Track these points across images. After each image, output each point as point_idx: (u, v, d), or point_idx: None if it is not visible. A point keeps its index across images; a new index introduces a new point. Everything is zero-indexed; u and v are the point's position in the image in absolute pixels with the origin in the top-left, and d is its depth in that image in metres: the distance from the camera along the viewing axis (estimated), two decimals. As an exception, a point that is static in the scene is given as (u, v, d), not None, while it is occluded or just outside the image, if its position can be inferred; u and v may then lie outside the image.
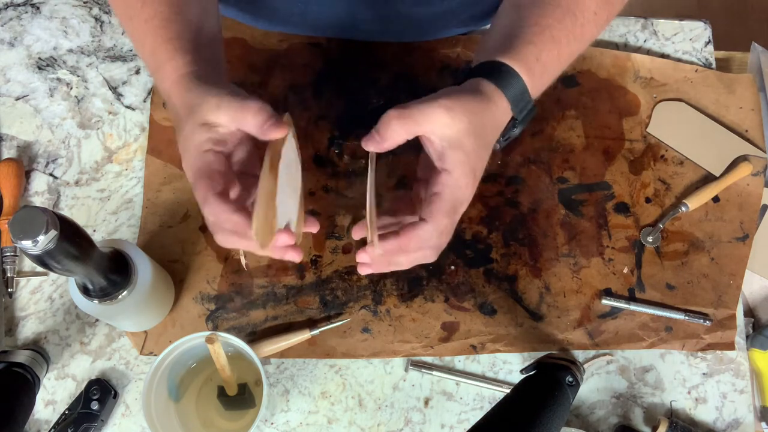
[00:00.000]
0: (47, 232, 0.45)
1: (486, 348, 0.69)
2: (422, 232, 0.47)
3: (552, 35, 0.50)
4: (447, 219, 0.48)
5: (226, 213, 0.44)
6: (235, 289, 0.69)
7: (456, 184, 0.47)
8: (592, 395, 0.68)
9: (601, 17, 0.53)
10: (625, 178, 0.74)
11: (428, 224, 0.47)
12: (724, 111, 0.77)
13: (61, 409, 0.65)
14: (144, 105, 0.75)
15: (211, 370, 0.65)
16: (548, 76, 0.51)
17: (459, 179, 0.47)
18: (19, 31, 0.77)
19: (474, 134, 0.46)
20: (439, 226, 0.47)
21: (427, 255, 0.49)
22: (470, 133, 0.46)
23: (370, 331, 0.69)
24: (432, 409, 0.67)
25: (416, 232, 0.47)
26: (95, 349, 0.68)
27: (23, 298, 0.69)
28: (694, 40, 0.80)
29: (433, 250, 0.49)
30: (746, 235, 0.73)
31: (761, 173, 0.74)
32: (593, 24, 0.52)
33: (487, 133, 0.48)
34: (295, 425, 0.66)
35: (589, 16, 0.52)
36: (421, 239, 0.47)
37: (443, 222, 0.47)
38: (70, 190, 0.72)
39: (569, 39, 0.51)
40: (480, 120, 0.47)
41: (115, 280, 0.57)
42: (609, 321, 0.70)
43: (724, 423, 0.68)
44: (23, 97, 0.75)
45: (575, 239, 0.72)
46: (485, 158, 0.49)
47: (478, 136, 0.47)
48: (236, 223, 0.44)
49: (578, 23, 0.51)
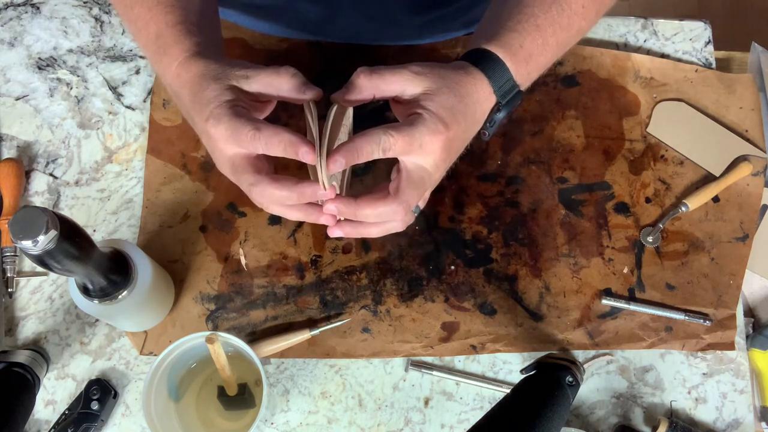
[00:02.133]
0: (47, 232, 0.45)
1: (486, 348, 0.69)
2: (383, 206, 0.47)
3: (537, 24, 0.50)
4: (413, 192, 0.47)
5: (282, 133, 0.44)
6: (235, 289, 0.69)
7: (424, 151, 0.46)
8: (592, 395, 0.68)
9: (589, 11, 0.53)
10: (625, 178, 0.74)
11: (391, 201, 0.47)
12: (724, 111, 0.77)
13: (61, 409, 0.65)
14: (144, 105, 0.75)
15: (211, 370, 0.65)
16: (535, 64, 0.51)
17: (427, 145, 0.46)
18: (19, 31, 0.77)
19: (449, 100, 0.46)
20: (403, 200, 0.47)
21: (396, 226, 0.50)
22: (444, 95, 0.46)
23: (370, 331, 0.69)
24: (432, 409, 0.67)
25: (376, 204, 0.47)
26: (95, 349, 0.68)
27: (23, 298, 0.69)
28: (694, 40, 0.80)
29: (399, 222, 0.49)
30: (746, 235, 0.73)
31: (761, 173, 0.74)
32: (581, 16, 0.53)
33: (467, 105, 0.48)
34: (295, 425, 0.66)
35: (576, 8, 0.52)
36: (380, 214, 0.48)
37: (408, 196, 0.47)
38: (70, 190, 0.72)
39: (555, 28, 0.51)
40: (458, 88, 0.47)
41: (115, 280, 0.57)
42: (609, 321, 0.70)
43: (724, 423, 0.68)
44: (23, 97, 0.75)
45: (575, 239, 0.72)
46: (466, 133, 0.49)
47: (454, 104, 0.46)
48: (293, 143, 0.44)
49: (565, 14, 0.51)
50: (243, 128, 0.44)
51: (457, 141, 0.48)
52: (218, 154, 0.47)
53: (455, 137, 0.47)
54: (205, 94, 0.46)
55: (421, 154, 0.46)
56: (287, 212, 0.49)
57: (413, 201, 0.48)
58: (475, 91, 0.48)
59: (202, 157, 0.73)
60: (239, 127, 0.44)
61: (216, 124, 0.45)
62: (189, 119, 0.49)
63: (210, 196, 0.72)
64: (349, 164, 0.45)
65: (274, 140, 0.44)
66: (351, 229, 0.50)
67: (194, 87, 0.47)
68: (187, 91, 0.47)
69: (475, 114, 0.49)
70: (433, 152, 0.46)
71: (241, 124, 0.44)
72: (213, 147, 0.47)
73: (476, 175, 0.73)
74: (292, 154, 0.44)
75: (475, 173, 0.73)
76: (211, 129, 0.45)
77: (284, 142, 0.44)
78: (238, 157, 0.46)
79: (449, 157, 0.48)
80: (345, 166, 0.45)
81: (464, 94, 0.47)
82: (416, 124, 0.45)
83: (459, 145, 0.49)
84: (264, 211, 0.71)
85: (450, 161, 0.49)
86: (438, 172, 0.48)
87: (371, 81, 0.47)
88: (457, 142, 0.48)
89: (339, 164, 0.45)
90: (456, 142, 0.48)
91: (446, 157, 0.48)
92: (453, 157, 0.49)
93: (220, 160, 0.48)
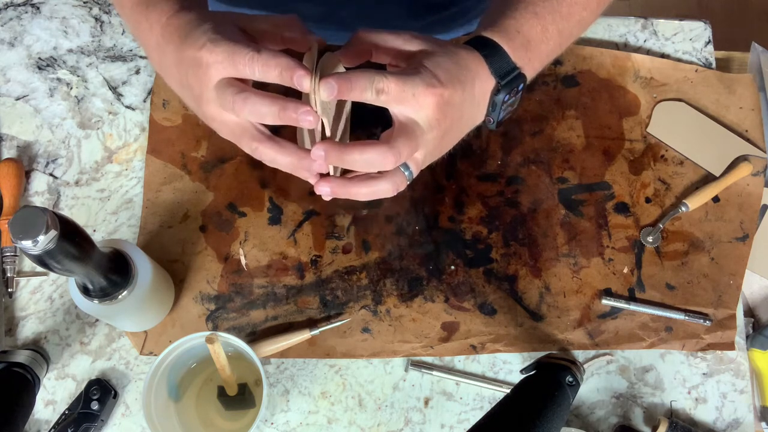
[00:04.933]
0: (47, 232, 0.45)
1: (486, 348, 0.69)
2: (372, 151, 0.44)
3: (535, 12, 0.50)
4: (405, 142, 0.45)
5: (280, 56, 0.43)
6: (235, 289, 0.69)
7: (418, 103, 0.45)
8: (592, 395, 0.68)
9: (591, 2, 0.53)
10: (625, 178, 0.74)
11: (381, 146, 0.45)
12: (724, 111, 0.77)
13: (61, 409, 0.65)
14: (144, 105, 0.75)
15: (211, 370, 0.65)
16: (536, 51, 0.51)
17: (421, 96, 0.45)
18: (19, 31, 0.77)
19: (446, 62, 0.46)
20: (393, 147, 0.45)
21: (386, 189, 0.47)
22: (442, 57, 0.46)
23: (370, 331, 0.69)
24: (432, 409, 0.67)
25: (365, 148, 0.45)
26: (95, 349, 0.68)
27: (23, 298, 0.69)
28: (694, 40, 0.80)
29: (389, 183, 0.47)
30: (746, 235, 0.73)
31: (761, 173, 0.74)
32: (581, 6, 0.53)
33: (465, 75, 0.47)
34: (295, 425, 0.66)
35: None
36: (369, 159, 0.45)
37: (399, 144, 0.45)
38: (70, 190, 0.72)
39: (555, 17, 0.51)
40: (456, 57, 0.46)
41: (115, 280, 0.57)
42: (609, 321, 0.70)
43: (724, 423, 0.68)
44: (23, 97, 0.75)
45: (575, 239, 0.72)
46: (463, 104, 0.47)
47: (451, 68, 0.46)
48: (291, 66, 0.43)
49: (565, 3, 0.52)
50: (243, 50, 0.43)
51: (454, 108, 0.46)
52: (205, 82, 0.45)
53: (451, 101, 0.46)
54: (201, 27, 0.44)
55: (415, 105, 0.45)
56: (276, 158, 0.47)
57: (404, 152, 0.45)
58: (474, 67, 0.48)
59: (202, 157, 0.73)
60: (238, 49, 0.43)
61: (213, 47, 0.43)
62: (175, 64, 0.46)
63: (210, 196, 0.72)
64: (341, 95, 0.43)
65: (272, 62, 0.43)
66: (338, 187, 0.48)
67: (187, 27, 0.45)
68: (179, 34, 0.45)
69: (473, 87, 0.47)
70: (427, 106, 0.45)
71: (240, 47, 0.43)
72: (201, 76, 0.44)
73: (476, 175, 0.73)
74: (287, 78, 0.43)
75: (475, 173, 0.73)
76: (205, 54, 0.43)
77: (281, 65, 0.43)
78: (226, 79, 0.44)
79: (445, 122, 0.46)
80: (337, 95, 0.43)
81: (462, 64, 0.47)
82: (411, 75, 0.44)
83: (456, 115, 0.47)
84: (264, 212, 0.71)
85: (447, 130, 0.47)
86: (432, 133, 0.46)
87: (370, 36, 0.47)
88: (454, 109, 0.46)
89: (331, 88, 0.43)
90: (453, 108, 0.46)
91: (442, 118, 0.46)
92: (450, 125, 0.47)
93: (206, 86, 0.45)
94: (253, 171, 0.72)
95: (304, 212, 0.72)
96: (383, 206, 0.72)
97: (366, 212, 0.72)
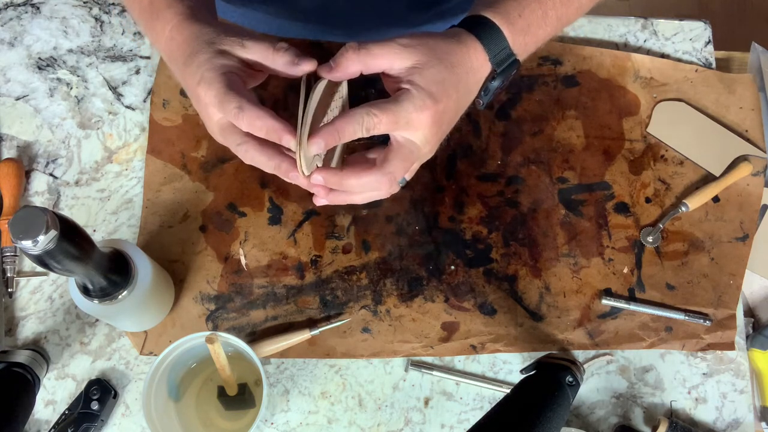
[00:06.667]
0: (47, 232, 0.45)
1: (486, 348, 0.69)
2: (367, 177, 0.47)
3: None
4: (399, 164, 0.47)
5: (265, 118, 0.44)
6: (235, 289, 0.69)
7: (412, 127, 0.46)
8: (592, 395, 0.68)
9: None
10: (625, 178, 0.74)
11: (376, 171, 0.47)
12: (724, 111, 0.77)
13: (61, 409, 0.65)
14: (144, 105, 0.75)
15: (211, 370, 0.65)
16: (533, 35, 0.51)
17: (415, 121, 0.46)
18: (19, 31, 0.77)
19: (439, 73, 0.46)
20: (387, 172, 0.47)
21: (379, 194, 0.49)
22: (434, 68, 0.46)
23: (370, 331, 0.69)
24: (432, 409, 0.67)
25: (360, 174, 0.47)
26: (95, 349, 0.68)
27: (23, 298, 0.69)
28: (694, 40, 0.80)
29: (383, 191, 0.49)
30: (746, 235, 0.73)
31: (761, 173, 0.74)
32: None
33: (459, 75, 0.47)
34: (295, 425, 0.66)
35: None
36: (365, 184, 0.47)
37: (393, 167, 0.47)
38: (70, 190, 0.72)
39: (555, 2, 0.51)
40: (449, 58, 0.46)
41: (115, 280, 0.57)
42: (609, 321, 0.70)
43: (724, 423, 0.68)
44: (23, 97, 0.75)
45: (575, 239, 0.72)
46: (458, 103, 0.48)
47: (445, 77, 0.46)
48: (276, 129, 0.44)
49: None
50: (229, 104, 0.44)
51: (448, 113, 0.47)
52: (207, 117, 0.47)
53: (446, 110, 0.47)
54: (197, 57, 0.46)
55: (410, 129, 0.46)
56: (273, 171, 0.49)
57: (399, 173, 0.47)
58: (468, 59, 0.48)
59: (202, 157, 0.73)
60: (226, 101, 0.44)
61: (207, 88, 0.45)
62: (182, 81, 0.49)
63: (210, 196, 0.72)
64: (330, 146, 0.45)
65: (257, 123, 0.44)
66: (335, 196, 0.50)
67: (187, 49, 0.47)
68: (181, 53, 0.47)
69: (468, 83, 0.48)
70: (422, 127, 0.46)
71: (228, 99, 0.44)
72: (203, 109, 0.47)
73: (476, 175, 0.73)
74: (275, 139, 0.44)
75: (475, 173, 0.73)
76: (201, 92, 0.45)
77: (266, 127, 0.44)
78: (226, 120, 0.46)
79: (440, 130, 0.48)
80: (326, 148, 0.45)
81: (456, 64, 0.47)
82: (401, 101, 0.45)
83: (451, 117, 0.48)
84: (264, 212, 0.71)
85: (442, 133, 0.49)
86: (428, 146, 0.48)
87: (359, 56, 0.46)
88: (449, 114, 0.48)
89: (318, 146, 0.44)
90: (447, 114, 0.47)
91: (437, 130, 0.47)
92: (445, 129, 0.49)
93: (208, 123, 0.48)
94: (254, 171, 0.72)
95: (304, 212, 0.72)
96: (383, 206, 0.72)
97: (366, 212, 0.72)
